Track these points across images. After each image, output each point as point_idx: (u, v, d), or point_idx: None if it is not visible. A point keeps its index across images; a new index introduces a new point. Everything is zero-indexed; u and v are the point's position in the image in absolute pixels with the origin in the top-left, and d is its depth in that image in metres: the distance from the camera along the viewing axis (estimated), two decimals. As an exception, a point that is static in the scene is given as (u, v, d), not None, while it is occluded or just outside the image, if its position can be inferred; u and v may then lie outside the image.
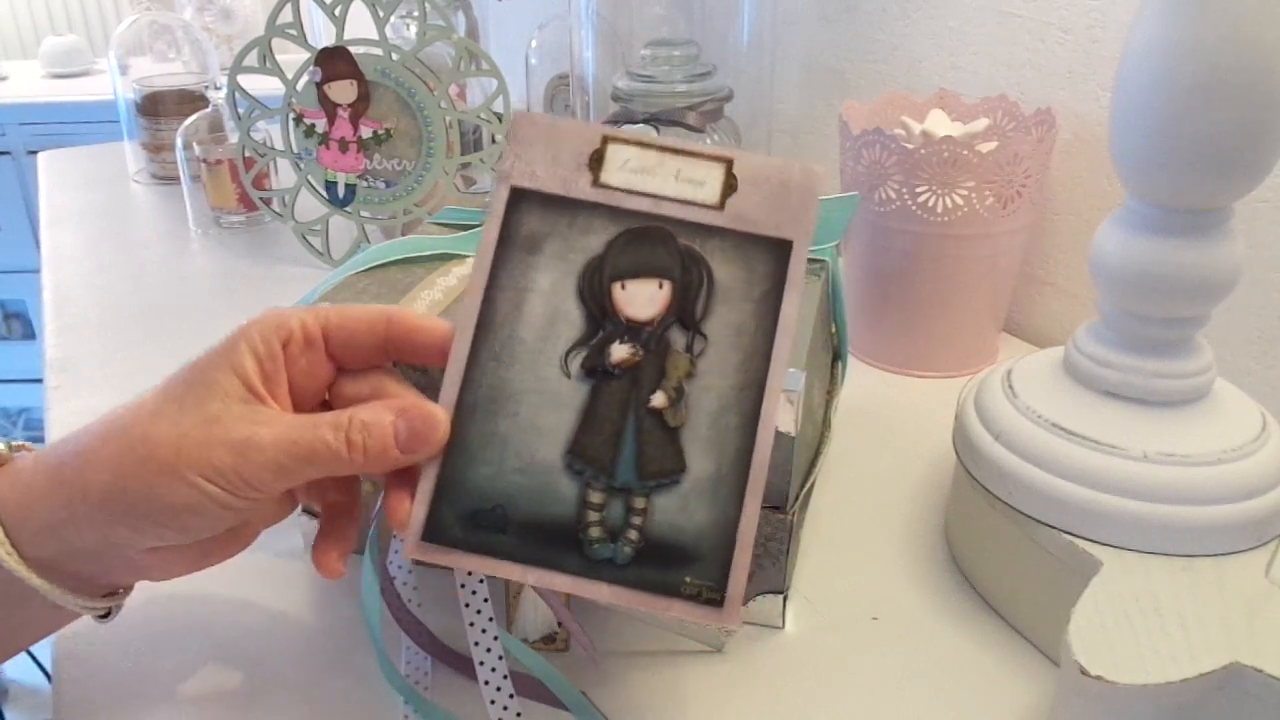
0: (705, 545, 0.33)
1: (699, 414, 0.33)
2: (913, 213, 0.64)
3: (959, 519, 0.51)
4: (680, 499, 0.33)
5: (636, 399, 0.34)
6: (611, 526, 0.33)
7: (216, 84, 1.10)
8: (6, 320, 2.37)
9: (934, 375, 0.69)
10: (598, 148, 0.35)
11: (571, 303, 0.34)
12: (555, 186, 0.35)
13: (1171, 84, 0.37)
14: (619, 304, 0.34)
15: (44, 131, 2.10)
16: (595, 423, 0.34)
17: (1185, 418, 0.42)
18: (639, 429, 0.33)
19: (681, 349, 0.34)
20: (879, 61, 0.84)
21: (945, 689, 0.43)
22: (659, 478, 0.33)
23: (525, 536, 0.33)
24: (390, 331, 0.36)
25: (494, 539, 0.33)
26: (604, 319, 0.34)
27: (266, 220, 0.98)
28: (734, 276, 0.34)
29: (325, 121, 0.82)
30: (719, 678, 0.44)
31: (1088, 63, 0.67)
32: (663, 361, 0.34)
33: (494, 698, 0.40)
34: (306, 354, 0.36)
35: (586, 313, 0.34)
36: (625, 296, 0.34)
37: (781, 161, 0.35)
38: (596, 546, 0.33)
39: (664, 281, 0.34)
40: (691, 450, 0.33)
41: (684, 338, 0.34)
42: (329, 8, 0.79)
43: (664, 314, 0.34)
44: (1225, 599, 0.38)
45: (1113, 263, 0.42)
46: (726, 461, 0.33)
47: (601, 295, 0.34)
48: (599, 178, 0.35)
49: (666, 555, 0.33)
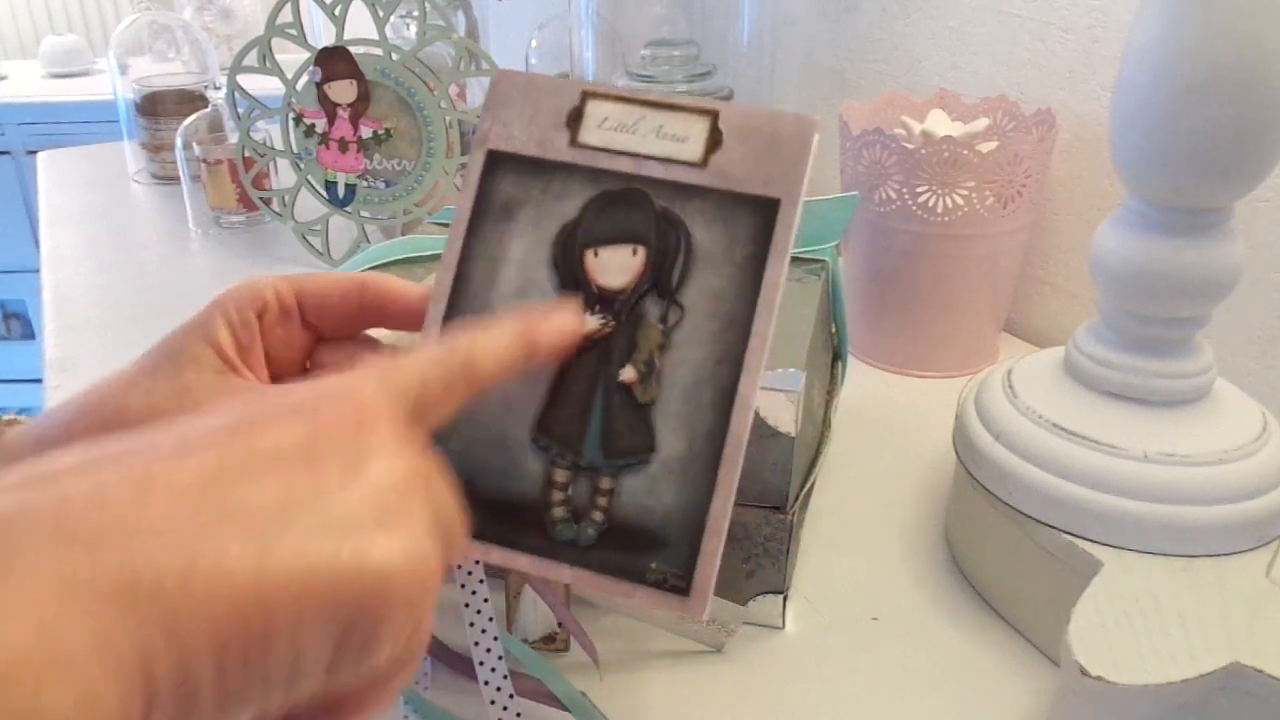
0: (673, 530, 0.30)
1: (672, 389, 0.31)
2: (913, 213, 0.64)
3: (959, 519, 0.51)
4: (649, 480, 0.31)
5: (606, 373, 0.32)
6: (576, 507, 0.31)
7: (216, 84, 1.10)
8: (6, 320, 2.37)
9: (934, 375, 0.69)
10: (576, 104, 0.33)
11: (544, 271, 0.33)
12: (532, 148, 0.33)
13: (1172, 84, 0.37)
14: (591, 272, 0.32)
15: (44, 131, 2.10)
16: (563, 398, 0.32)
17: (1185, 418, 0.42)
18: (607, 405, 0.31)
19: (655, 320, 0.32)
20: (879, 61, 0.84)
21: (945, 689, 0.43)
22: (626, 456, 0.31)
23: (490, 514, 0.32)
24: (364, 298, 0.35)
25: (474, 519, 0.31)
26: (577, 289, 0.32)
27: (266, 220, 0.98)
28: (714, 240, 0.32)
29: (325, 121, 0.82)
30: (719, 678, 0.44)
31: (1088, 63, 0.67)
32: (635, 333, 0.32)
33: (494, 698, 0.40)
34: (282, 324, 0.35)
35: (559, 282, 0.33)
36: (597, 264, 0.32)
37: (772, 112, 0.32)
38: (560, 527, 0.31)
39: (638, 248, 0.32)
40: (663, 428, 0.31)
41: (658, 308, 0.32)
42: (329, 8, 0.79)
43: (637, 282, 0.32)
44: (1226, 599, 0.38)
45: (1113, 263, 0.42)
46: (699, 441, 0.31)
47: (574, 263, 0.33)
48: (577, 137, 0.33)
49: (632, 539, 0.31)
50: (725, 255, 0.32)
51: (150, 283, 0.87)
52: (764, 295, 0.31)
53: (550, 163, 0.33)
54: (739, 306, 0.31)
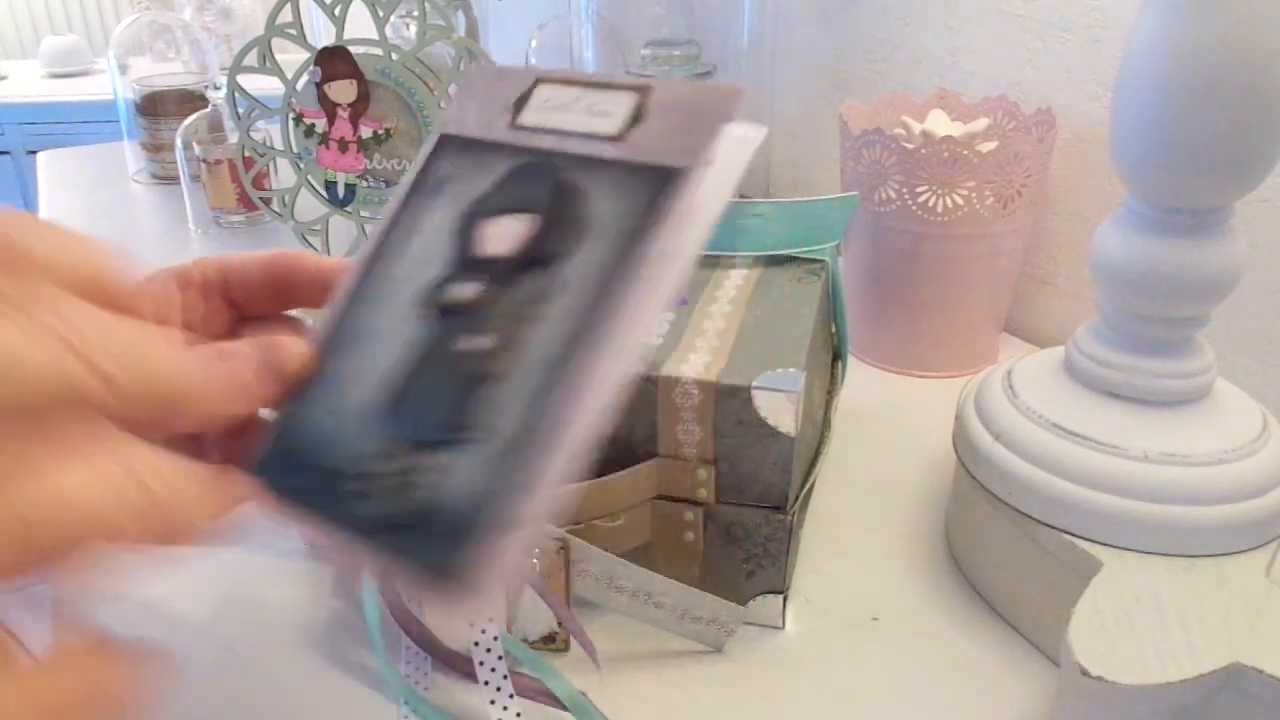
0: (480, 516, 0.27)
1: (528, 366, 0.29)
2: (913, 213, 0.64)
3: (959, 519, 0.51)
4: (475, 461, 0.28)
5: (466, 345, 0.30)
6: (391, 484, 0.29)
7: (216, 84, 1.10)
8: (6, 320, 2.36)
9: (934, 375, 0.69)
10: (526, 89, 0.33)
11: (446, 242, 0.32)
12: (477, 130, 0.34)
13: (1172, 84, 0.37)
14: (477, 241, 0.32)
15: (44, 131, 2.10)
16: (416, 368, 0.30)
17: (1186, 418, 0.42)
18: (455, 378, 0.29)
19: (529, 291, 0.30)
20: (879, 61, 0.84)
21: (945, 689, 0.43)
22: (456, 432, 0.29)
23: (318, 483, 0.30)
24: (279, 273, 0.35)
25: (297, 483, 0.30)
26: (465, 259, 0.31)
27: (266, 220, 0.98)
28: (609, 212, 0.30)
29: (325, 121, 0.82)
30: (719, 678, 0.44)
31: (1088, 63, 0.67)
32: (498, 303, 0.30)
33: (494, 698, 0.40)
34: (204, 298, 0.35)
35: (454, 253, 0.31)
36: (486, 234, 0.32)
37: (703, 86, 0.31)
38: (369, 502, 0.29)
39: (528, 217, 0.31)
40: (509, 406, 0.28)
41: (535, 280, 0.30)
42: (329, 8, 0.79)
43: (518, 252, 0.30)
44: (1226, 599, 0.38)
45: (1113, 263, 0.42)
46: (539, 423, 0.28)
47: (469, 233, 0.32)
48: (517, 118, 0.33)
49: (439, 522, 0.28)
50: (614, 227, 0.30)
51: (150, 283, 0.87)
52: (637, 267, 0.28)
53: (486, 142, 0.33)
54: (614, 281, 0.29)
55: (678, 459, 0.43)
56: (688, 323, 0.47)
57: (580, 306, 0.29)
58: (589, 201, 0.31)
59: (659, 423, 0.43)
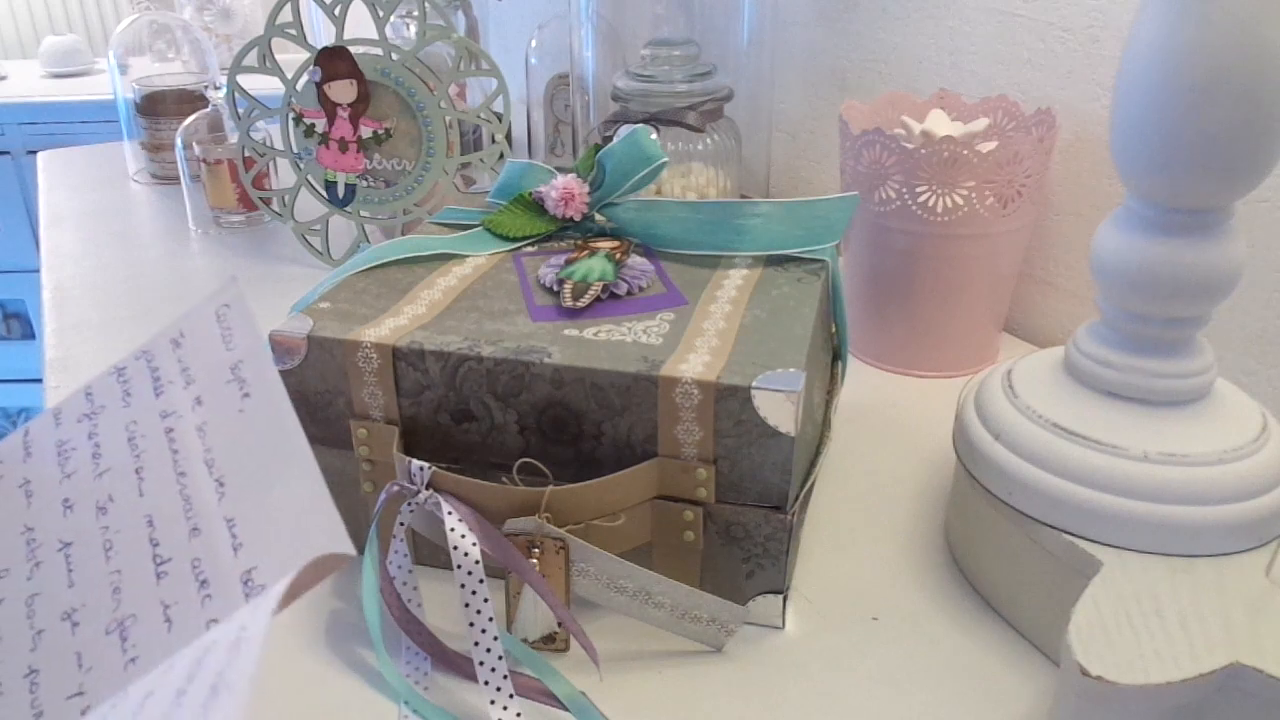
0: None
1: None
2: (913, 213, 0.64)
3: (959, 519, 0.51)
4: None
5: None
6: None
7: (216, 84, 1.10)
8: (6, 320, 2.37)
9: (934, 375, 0.69)
10: None
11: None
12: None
13: (1172, 84, 0.37)
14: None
15: (44, 131, 2.10)
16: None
17: (1186, 418, 0.42)
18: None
19: None
20: (879, 61, 0.84)
21: (945, 689, 0.43)
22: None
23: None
24: None
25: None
26: None
27: (266, 220, 0.98)
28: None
29: (325, 121, 0.82)
30: (719, 678, 0.44)
31: (1088, 63, 0.67)
32: None
33: (494, 698, 0.40)
34: None
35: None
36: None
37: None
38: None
39: None
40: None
41: None
42: (329, 7, 0.79)
43: None
44: (1226, 599, 0.38)
45: (1113, 263, 0.42)
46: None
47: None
48: None
49: None
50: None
51: (150, 283, 0.87)
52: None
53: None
54: None
55: (678, 459, 0.43)
56: (688, 323, 0.47)
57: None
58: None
59: (659, 423, 0.43)
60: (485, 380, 0.44)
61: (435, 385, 0.45)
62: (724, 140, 0.78)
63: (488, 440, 0.46)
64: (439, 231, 0.58)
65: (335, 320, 0.47)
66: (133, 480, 0.28)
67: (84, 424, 0.30)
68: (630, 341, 0.45)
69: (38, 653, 0.25)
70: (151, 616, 0.24)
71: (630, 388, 0.42)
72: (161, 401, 0.29)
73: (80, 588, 0.26)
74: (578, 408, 0.44)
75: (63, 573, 0.26)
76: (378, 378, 0.45)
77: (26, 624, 0.26)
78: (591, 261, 0.52)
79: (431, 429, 0.46)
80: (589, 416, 0.44)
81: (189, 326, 0.30)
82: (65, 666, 0.24)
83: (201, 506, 0.25)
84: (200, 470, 0.26)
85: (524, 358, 0.43)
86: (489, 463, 0.46)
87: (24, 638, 0.25)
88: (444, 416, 0.46)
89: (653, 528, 0.45)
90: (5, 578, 0.27)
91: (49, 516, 0.28)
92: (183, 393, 0.29)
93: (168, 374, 0.29)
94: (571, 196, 0.57)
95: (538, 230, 0.57)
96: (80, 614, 0.25)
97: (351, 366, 0.45)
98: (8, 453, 0.31)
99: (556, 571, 0.42)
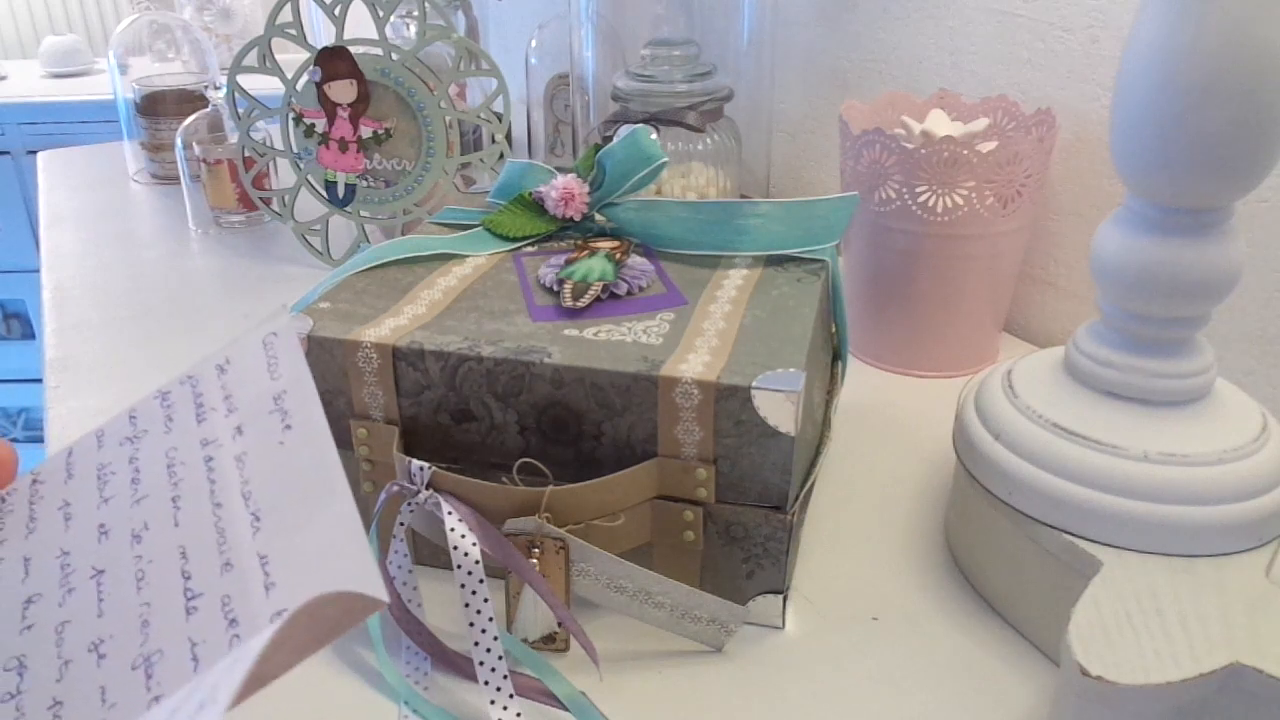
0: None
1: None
2: (913, 213, 0.64)
3: (959, 519, 0.51)
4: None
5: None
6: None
7: (216, 84, 1.10)
8: (6, 320, 2.37)
9: (934, 375, 0.69)
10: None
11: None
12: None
13: (1172, 84, 0.37)
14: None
15: (44, 131, 2.10)
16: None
17: (1185, 418, 0.42)
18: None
19: None
20: (879, 61, 0.84)
21: (945, 689, 0.43)
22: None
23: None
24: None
25: None
26: None
27: (266, 220, 0.98)
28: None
29: (325, 121, 0.82)
30: (719, 678, 0.44)
31: (1088, 63, 0.67)
32: None
33: (494, 698, 0.40)
34: None
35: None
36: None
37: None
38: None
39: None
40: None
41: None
42: (329, 7, 0.79)
43: None
44: (1226, 599, 0.38)
45: (1113, 263, 0.42)
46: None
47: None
48: None
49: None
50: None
51: (150, 282, 0.87)
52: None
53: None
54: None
55: (678, 459, 0.43)
56: (688, 323, 0.47)
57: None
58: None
59: (659, 423, 0.43)
60: (485, 380, 0.44)
61: (435, 385, 0.45)
62: (724, 140, 0.78)
63: (488, 440, 0.46)
64: (439, 231, 0.58)
65: (335, 320, 0.47)
66: (169, 509, 0.27)
67: (125, 448, 0.30)
68: (630, 341, 0.45)
69: (63, 684, 0.25)
70: (178, 654, 0.24)
71: (630, 388, 0.42)
72: (203, 429, 0.29)
73: (109, 618, 0.26)
74: (578, 408, 0.44)
75: (93, 601, 0.26)
76: (378, 378, 0.45)
77: (55, 652, 0.25)
78: (591, 261, 0.52)
79: (431, 429, 0.46)
80: (589, 416, 0.44)
81: (235, 353, 0.30)
82: (89, 701, 0.24)
83: (236, 541, 0.25)
84: (237, 502, 0.26)
85: (524, 358, 0.43)
86: (489, 463, 0.46)
87: (51, 667, 0.25)
88: (444, 416, 0.46)
89: (653, 528, 0.45)
90: (38, 603, 0.27)
91: (85, 541, 0.28)
92: (224, 421, 0.28)
93: (211, 400, 0.29)
94: (571, 196, 0.57)
95: (538, 230, 0.57)
96: (107, 645, 0.25)
97: (351, 366, 0.45)
98: (50, 473, 0.31)
99: (556, 571, 0.42)
